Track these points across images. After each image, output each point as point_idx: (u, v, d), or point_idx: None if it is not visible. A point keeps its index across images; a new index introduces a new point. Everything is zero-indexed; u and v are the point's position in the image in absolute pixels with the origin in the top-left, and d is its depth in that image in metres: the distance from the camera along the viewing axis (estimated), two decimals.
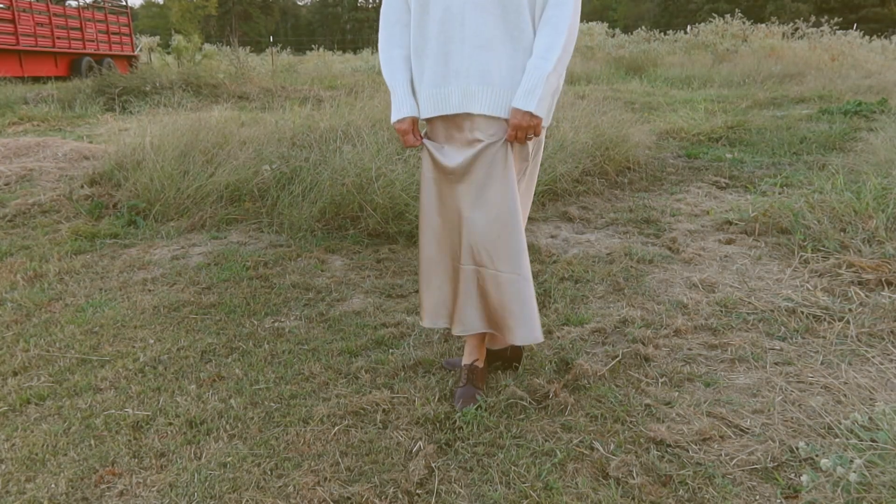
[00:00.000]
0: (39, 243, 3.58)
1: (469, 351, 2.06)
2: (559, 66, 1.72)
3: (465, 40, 1.74)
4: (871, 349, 2.28)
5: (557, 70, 1.72)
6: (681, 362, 2.24)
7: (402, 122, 1.87)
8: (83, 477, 1.68)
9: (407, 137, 1.88)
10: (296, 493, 1.61)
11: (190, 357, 2.30)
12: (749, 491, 1.59)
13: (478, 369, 2.05)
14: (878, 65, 14.43)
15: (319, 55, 24.69)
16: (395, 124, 1.89)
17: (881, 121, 6.76)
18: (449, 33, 1.75)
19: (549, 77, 1.71)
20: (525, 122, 1.72)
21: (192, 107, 6.92)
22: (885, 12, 42.32)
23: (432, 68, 1.80)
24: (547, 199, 4.38)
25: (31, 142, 6.02)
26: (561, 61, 1.73)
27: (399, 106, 1.87)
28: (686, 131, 7.01)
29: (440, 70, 1.79)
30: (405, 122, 1.87)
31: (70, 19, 16.49)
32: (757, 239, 3.53)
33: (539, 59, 1.72)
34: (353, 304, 2.79)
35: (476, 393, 1.98)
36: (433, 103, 1.83)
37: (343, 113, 5.55)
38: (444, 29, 1.76)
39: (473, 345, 2.06)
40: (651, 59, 16.75)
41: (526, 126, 1.73)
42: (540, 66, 1.71)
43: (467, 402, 1.94)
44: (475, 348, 2.05)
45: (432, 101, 1.83)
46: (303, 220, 3.76)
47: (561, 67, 1.73)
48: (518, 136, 1.75)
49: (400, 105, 1.87)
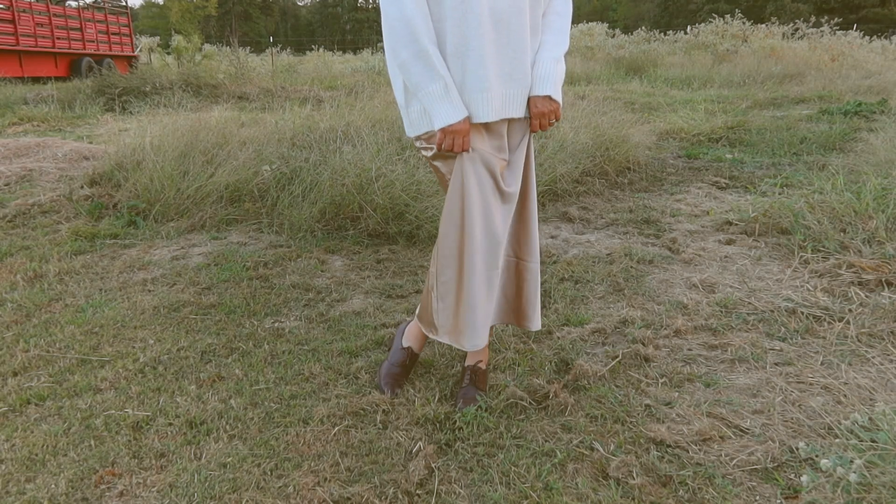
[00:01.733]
0: (39, 244, 3.58)
1: (473, 352, 2.06)
2: (563, 61, 1.81)
3: (509, 44, 1.73)
4: (872, 349, 2.28)
5: (561, 61, 1.79)
6: (681, 363, 2.24)
7: (465, 123, 1.70)
8: (83, 477, 1.68)
9: (467, 139, 1.71)
10: (296, 493, 1.60)
11: (190, 357, 2.30)
12: (749, 491, 1.59)
13: (481, 371, 2.05)
14: (878, 65, 14.43)
15: (319, 55, 24.69)
16: (457, 125, 1.69)
17: (881, 121, 6.76)
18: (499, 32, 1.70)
19: (557, 64, 1.77)
20: (547, 107, 1.76)
21: (192, 107, 6.92)
22: (885, 12, 42.33)
23: (474, 71, 1.69)
24: (547, 200, 4.38)
25: (31, 142, 6.02)
26: (562, 58, 1.81)
27: (457, 104, 1.69)
28: (686, 132, 7.01)
29: (484, 72, 1.70)
30: (467, 122, 1.71)
31: (70, 20, 16.50)
32: (757, 239, 3.53)
33: (546, 52, 1.79)
34: (353, 304, 2.79)
35: (477, 394, 1.98)
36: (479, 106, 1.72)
37: (343, 113, 5.55)
38: (495, 28, 1.69)
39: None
40: (651, 59, 16.75)
41: (548, 112, 1.76)
42: (549, 55, 1.77)
43: (468, 402, 1.94)
44: (481, 350, 2.05)
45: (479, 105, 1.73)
46: (303, 220, 3.76)
47: (563, 64, 1.81)
48: (542, 124, 1.78)
49: (457, 103, 1.69)
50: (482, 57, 1.67)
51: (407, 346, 2.13)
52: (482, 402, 1.95)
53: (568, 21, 1.83)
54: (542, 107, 1.75)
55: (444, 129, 1.70)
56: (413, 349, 2.13)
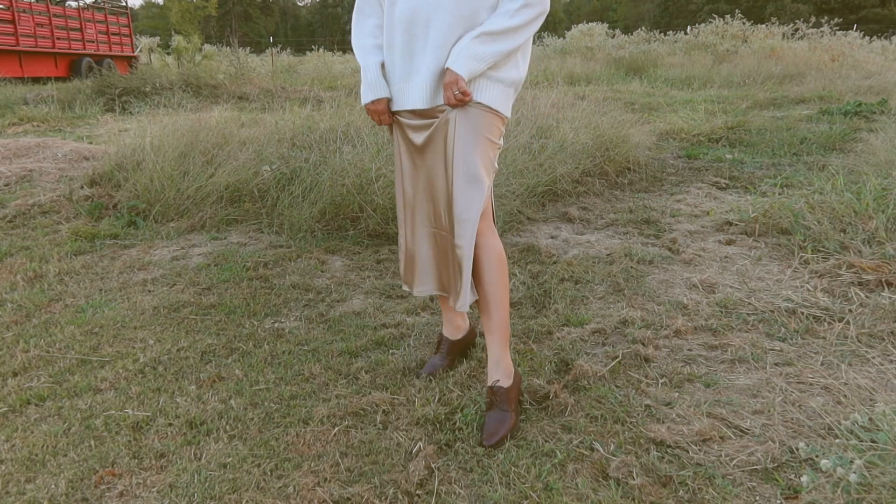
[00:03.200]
0: (39, 244, 3.58)
1: (491, 370, 1.94)
2: (493, 42, 1.75)
3: (427, 41, 1.81)
4: (872, 350, 2.28)
5: (488, 43, 1.75)
6: (681, 363, 2.24)
7: (378, 103, 1.93)
8: (83, 478, 1.68)
9: (384, 116, 1.95)
10: (296, 493, 1.60)
11: (190, 358, 2.30)
12: (749, 492, 1.59)
13: (500, 390, 1.91)
14: (878, 65, 14.44)
15: (319, 56, 24.70)
16: (371, 105, 1.94)
17: (881, 121, 6.76)
18: (413, 33, 1.83)
19: (473, 39, 1.75)
20: (448, 78, 1.76)
21: (192, 107, 6.92)
22: (885, 13, 42.34)
23: (395, 64, 1.88)
24: (547, 200, 4.38)
25: (30, 142, 6.02)
26: (494, 39, 1.75)
27: (374, 87, 1.91)
28: (686, 132, 7.01)
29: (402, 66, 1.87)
30: (381, 103, 1.93)
31: (70, 20, 16.51)
32: (757, 239, 3.53)
33: (473, 30, 1.78)
34: (353, 304, 2.79)
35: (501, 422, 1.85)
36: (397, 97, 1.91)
37: (343, 114, 5.55)
38: (410, 29, 1.83)
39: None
40: (651, 59, 16.76)
41: (448, 83, 1.76)
42: (471, 33, 1.77)
43: (489, 438, 1.80)
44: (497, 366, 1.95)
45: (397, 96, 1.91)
46: (303, 220, 3.76)
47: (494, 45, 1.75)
48: (447, 97, 1.78)
49: (374, 86, 1.91)
50: (401, 52, 1.85)
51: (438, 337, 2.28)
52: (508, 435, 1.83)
53: (514, 5, 1.76)
54: (446, 78, 1.78)
55: (364, 106, 1.96)
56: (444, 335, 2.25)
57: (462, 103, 1.79)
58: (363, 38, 1.97)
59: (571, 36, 23.18)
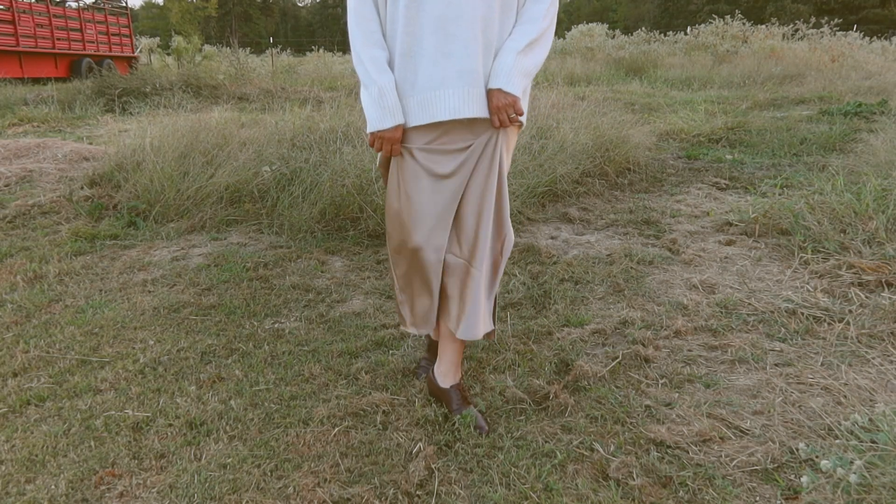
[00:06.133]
0: (39, 244, 3.58)
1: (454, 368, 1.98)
2: (533, 52, 1.69)
3: (456, 46, 1.66)
4: (872, 350, 2.28)
5: (529, 54, 1.68)
6: (681, 363, 2.24)
7: (394, 130, 1.70)
8: (83, 478, 1.68)
9: (397, 146, 1.73)
10: (296, 494, 1.60)
11: (190, 358, 2.30)
12: (749, 492, 1.59)
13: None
14: (878, 66, 14.43)
15: (319, 56, 24.68)
16: (387, 132, 1.70)
17: (881, 122, 6.76)
18: (446, 36, 1.65)
19: (517, 55, 1.66)
20: (501, 101, 1.65)
21: (192, 108, 6.92)
22: (886, 13, 42.34)
23: (426, 71, 1.67)
24: (547, 201, 4.38)
25: (30, 143, 6.02)
26: (533, 49, 1.69)
27: (390, 110, 1.69)
28: (686, 132, 7.01)
29: (436, 72, 1.66)
30: (399, 130, 1.71)
31: (70, 20, 16.50)
32: (757, 240, 3.53)
33: (508, 42, 1.69)
34: (353, 305, 2.79)
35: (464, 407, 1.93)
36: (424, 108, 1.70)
37: (343, 114, 5.55)
38: (442, 31, 1.65)
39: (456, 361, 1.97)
40: (651, 60, 16.75)
41: (503, 105, 1.66)
42: (510, 46, 1.68)
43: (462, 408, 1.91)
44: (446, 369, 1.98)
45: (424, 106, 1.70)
46: (303, 221, 3.76)
47: (534, 55, 1.69)
48: (501, 120, 1.67)
49: (390, 109, 1.69)
50: (432, 58, 1.65)
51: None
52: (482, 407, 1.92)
53: (544, 5, 1.70)
54: (497, 101, 1.66)
55: (373, 133, 1.73)
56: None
57: (513, 124, 1.69)
58: (373, 49, 1.70)
59: (571, 36, 23.20)
